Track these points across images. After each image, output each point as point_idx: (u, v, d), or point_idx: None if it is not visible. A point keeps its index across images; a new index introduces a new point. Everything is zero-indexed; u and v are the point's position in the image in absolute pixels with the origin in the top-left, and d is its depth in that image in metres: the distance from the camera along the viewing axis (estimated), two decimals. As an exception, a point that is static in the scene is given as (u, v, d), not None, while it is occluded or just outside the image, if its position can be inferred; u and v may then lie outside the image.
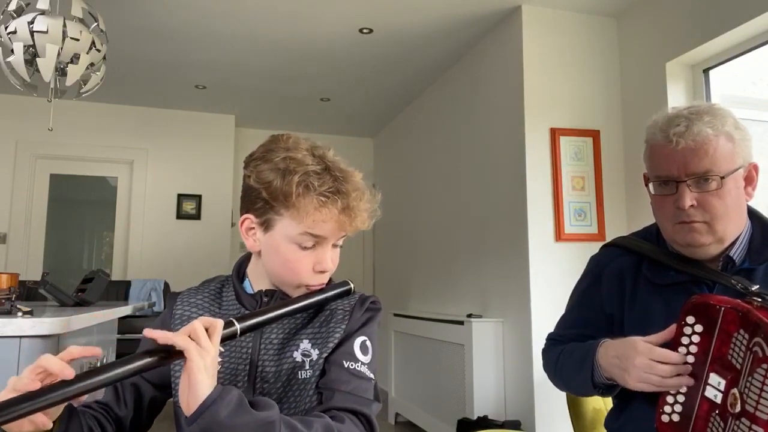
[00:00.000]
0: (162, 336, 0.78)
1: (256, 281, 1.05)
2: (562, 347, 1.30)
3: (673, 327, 1.04)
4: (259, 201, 0.97)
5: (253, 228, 1.00)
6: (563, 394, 1.69)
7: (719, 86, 2.84)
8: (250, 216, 0.99)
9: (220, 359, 0.96)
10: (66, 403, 0.79)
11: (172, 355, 0.78)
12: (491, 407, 3.06)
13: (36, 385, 0.72)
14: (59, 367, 0.73)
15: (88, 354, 0.76)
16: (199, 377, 0.76)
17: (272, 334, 0.98)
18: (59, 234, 4.89)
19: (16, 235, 4.63)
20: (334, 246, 1.01)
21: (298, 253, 0.96)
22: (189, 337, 0.79)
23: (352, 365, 0.95)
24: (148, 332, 0.79)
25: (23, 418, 0.70)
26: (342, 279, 1.05)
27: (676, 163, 1.10)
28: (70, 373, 0.73)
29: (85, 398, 0.75)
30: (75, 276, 4.59)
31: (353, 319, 1.00)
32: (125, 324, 3.32)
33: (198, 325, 0.80)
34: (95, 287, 2.23)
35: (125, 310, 2.44)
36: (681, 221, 1.12)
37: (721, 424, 0.94)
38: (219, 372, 0.95)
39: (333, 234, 0.97)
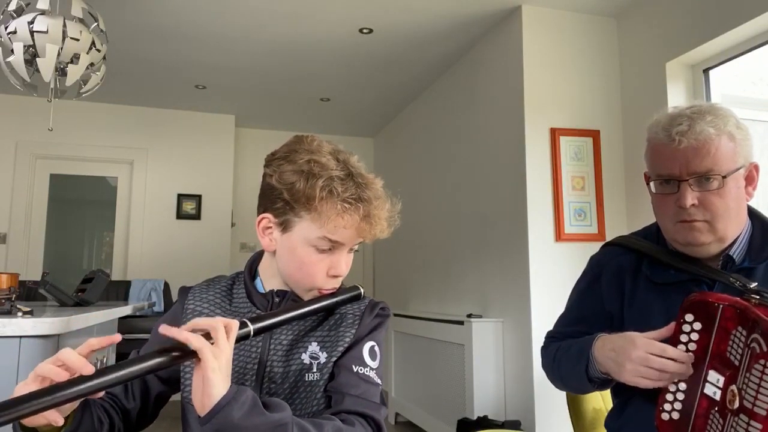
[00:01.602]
0: (178, 334, 0.78)
1: (267, 280, 1.04)
2: (560, 343, 1.30)
3: (672, 324, 1.05)
4: (280, 201, 0.96)
5: (271, 227, 0.99)
6: (563, 394, 1.70)
7: (719, 86, 2.85)
8: (269, 215, 0.99)
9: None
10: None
11: (186, 354, 0.78)
12: (491, 407, 3.06)
13: (59, 374, 0.73)
14: (80, 365, 0.74)
15: (106, 343, 0.77)
16: (213, 377, 0.76)
17: (281, 336, 0.98)
18: (59, 234, 4.89)
19: (16, 235, 4.63)
20: (350, 251, 1.01)
21: (314, 256, 0.96)
22: (204, 336, 0.79)
23: (361, 370, 0.96)
24: (164, 329, 0.79)
25: (40, 413, 0.71)
26: (343, 279, 1.05)
27: (678, 162, 1.11)
28: (89, 369, 0.74)
29: (101, 393, 0.76)
30: (75, 276, 4.59)
31: (363, 325, 1.00)
32: (125, 324, 3.32)
33: (217, 323, 0.80)
34: (95, 287, 2.23)
35: (125, 310, 2.44)
36: (682, 220, 1.12)
37: (720, 420, 0.94)
38: None
39: (351, 240, 0.98)
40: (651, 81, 2.96)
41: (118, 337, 0.77)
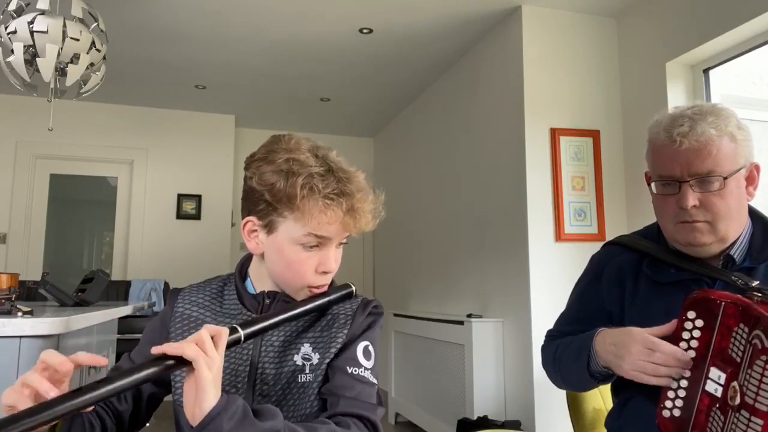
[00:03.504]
0: (171, 349, 0.77)
1: (258, 282, 1.04)
2: (560, 341, 1.30)
3: (674, 322, 1.05)
4: (262, 203, 0.95)
5: (256, 230, 0.98)
6: (563, 394, 1.70)
7: (719, 86, 2.85)
8: (253, 218, 0.98)
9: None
10: None
11: (179, 363, 0.78)
12: (491, 407, 3.06)
13: (43, 385, 0.72)
14: (59, 360, 0.74)
15: (93, 363, 0.76)
16: (206, 387, 0.75)
17: (273, 337, 0.98)
18: (59, 234, 4.89)
19: (16, 235, 4.63)
20: (338, 246, 1.00)
21: (301, 254, 0.96)
22: (196, 345, 0.78)
23: (355, 371, 0.95)
24: (156, 349, 0.78)
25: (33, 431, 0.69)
26: (342, 279, 1.05)
27: (679, 163, 1.10)
28: (69, 368, 0.74)
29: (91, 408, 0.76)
30: (75, 276, 4.59)
31: (355, 324, 0.99)
32: (125, 324, 3.32)
33: (205, 334, 0.79)
34: (95, 287, 2.23)
35: (125, 310, 2.44)
36: (683, 221, 1.12)
37: (721, 417, 0.94)
38: None
39: (337, 235, 0.97)
40: (651, 81, 2.96)
41: (104, 361, 0.77)
